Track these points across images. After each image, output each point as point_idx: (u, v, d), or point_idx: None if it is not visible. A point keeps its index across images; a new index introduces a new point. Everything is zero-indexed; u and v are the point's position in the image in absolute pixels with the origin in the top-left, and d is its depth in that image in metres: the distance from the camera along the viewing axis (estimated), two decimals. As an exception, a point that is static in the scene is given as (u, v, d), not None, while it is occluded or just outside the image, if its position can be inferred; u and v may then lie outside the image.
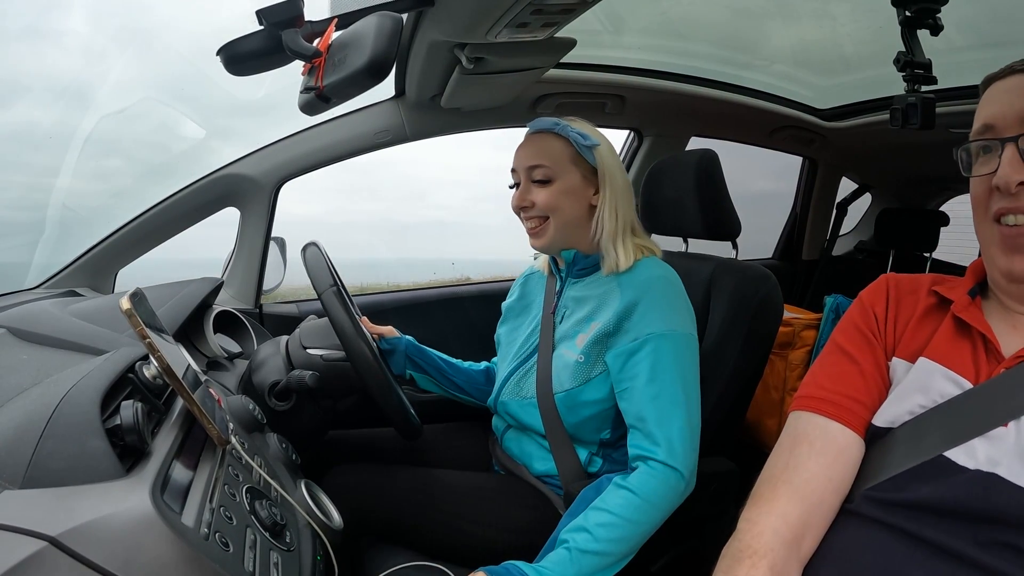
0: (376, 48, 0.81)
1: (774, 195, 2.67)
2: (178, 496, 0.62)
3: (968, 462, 0.61)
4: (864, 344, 0.75)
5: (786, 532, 0.66)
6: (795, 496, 0.67)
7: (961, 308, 0.71)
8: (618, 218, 1.08)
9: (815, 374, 0.77)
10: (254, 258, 1.57)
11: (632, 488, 0.92)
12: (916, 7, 0.96)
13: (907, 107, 0.94)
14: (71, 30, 1.94)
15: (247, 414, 0.93)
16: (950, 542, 0.59)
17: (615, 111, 1.75)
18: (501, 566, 0.86)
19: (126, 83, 1.70)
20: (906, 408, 0.68)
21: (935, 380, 0.67)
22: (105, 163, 1.82)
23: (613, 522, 0.90)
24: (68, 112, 1.70)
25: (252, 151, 1.53)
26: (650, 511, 0.92)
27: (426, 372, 1.27)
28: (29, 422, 0.59)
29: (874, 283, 0.81)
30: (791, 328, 1.70)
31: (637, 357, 0.99)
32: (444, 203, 12.62)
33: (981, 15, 1.34)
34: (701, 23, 1.56)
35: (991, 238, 0.69)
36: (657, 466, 0.94)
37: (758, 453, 0.76)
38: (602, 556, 0.88)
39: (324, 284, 1.05)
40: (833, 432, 0.71)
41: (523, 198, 1.09)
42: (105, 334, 0.91)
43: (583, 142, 1.07)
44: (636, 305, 1.01)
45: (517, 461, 1.16)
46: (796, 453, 0.71)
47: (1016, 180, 0.65)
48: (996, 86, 0.71)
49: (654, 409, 0.96)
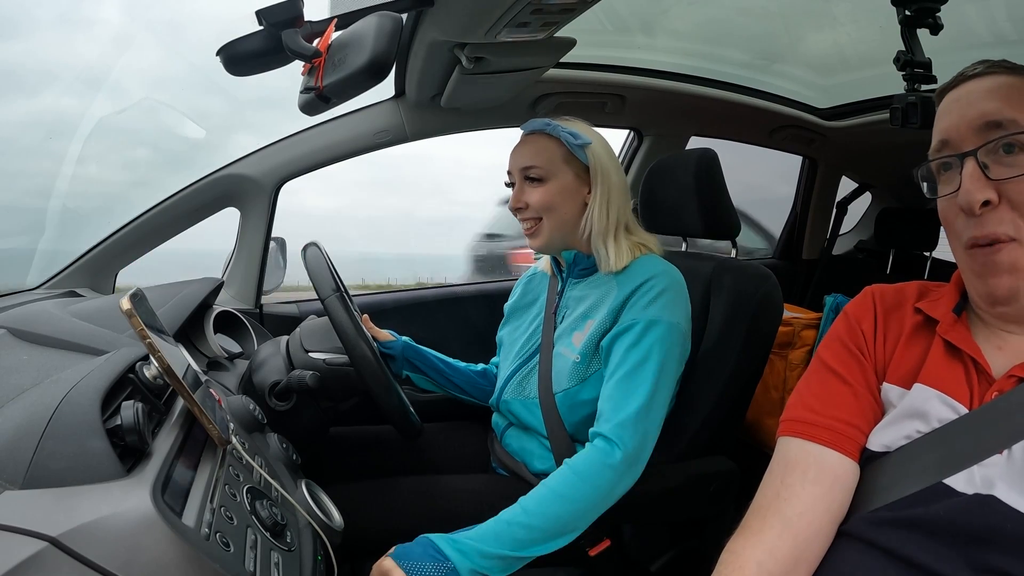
0: (376, 48, 0.81)
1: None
2: (179, 496, 0.62)
3: (967, 488, 0.59)
4: (853, 363, 0.72)
5: (773, 566, 0.62)
6: (787, 530, 0.64)
7: (948, 329, 0.68)
8: (609, 216, 1.08)
9: (803, 395, 0.73)
10: (254, 258, 1.57)
11: (570, 463, 0.93)
12: (916, 6, 0.96)
13: (907, 106, 0.94)
14: (103, 19, 1.94)
15: (247, 414, 0.93)
16: (943, 567, 0.57)
17: (615, 111, 1.75)
18: (415, 540, 0.84)
19: (155, 74, 1.70)
20: (903, 434, 0.66)
21: (932, 406, 0.64)
22: (132, 153, 1.83)
23: (544, 496, 0.90)
24: (96, 101, 1.71)
25: (252, 151, 1.53)
26: (582, 486, 0.91)
27: (424, 373, 1.27)
28: (30, 422, 0.59)
29: (859, 297, 0.77)
30: (791, 327, 1.70)
31: (623, 338, 1.00)
32: (467, 200, 12.63)
33: (981, 14, 1.34)
34: (700, 23, 1.56)
35: (965, 264, 0.66)
36: (598, 441, 0.94)
37: (758, 453, 0.76)
38: (529, 529, 0.87)
39: (327, 288, 1.05)
40: (829, 461, 0.67)
41: (518, 199, 1.10)
42: (105, 334, 0.91)
43: (574, 141, 1.07)
44: (631, 297, 1.02)
45: (516, 459, 1.16)
46: (788, 483, 0.67)
47: (980, 199, 0.60)
48: (948, 96, 0.66)
49: (619, 389, 0.97)
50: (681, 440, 1.10)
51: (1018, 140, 0.59)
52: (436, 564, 0.81)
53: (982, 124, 0.61)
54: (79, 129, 1.57)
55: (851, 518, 0.66)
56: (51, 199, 1.59)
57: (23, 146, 1.79)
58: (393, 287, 2.04)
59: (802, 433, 0.69)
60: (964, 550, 0.57)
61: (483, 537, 0.85)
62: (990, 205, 0.60)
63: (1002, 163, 0.60)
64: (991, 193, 0.60)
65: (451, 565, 0.81)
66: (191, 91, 1.68)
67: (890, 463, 0.65)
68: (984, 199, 0.60)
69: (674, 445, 1.10)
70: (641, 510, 1.06)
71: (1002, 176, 0.59)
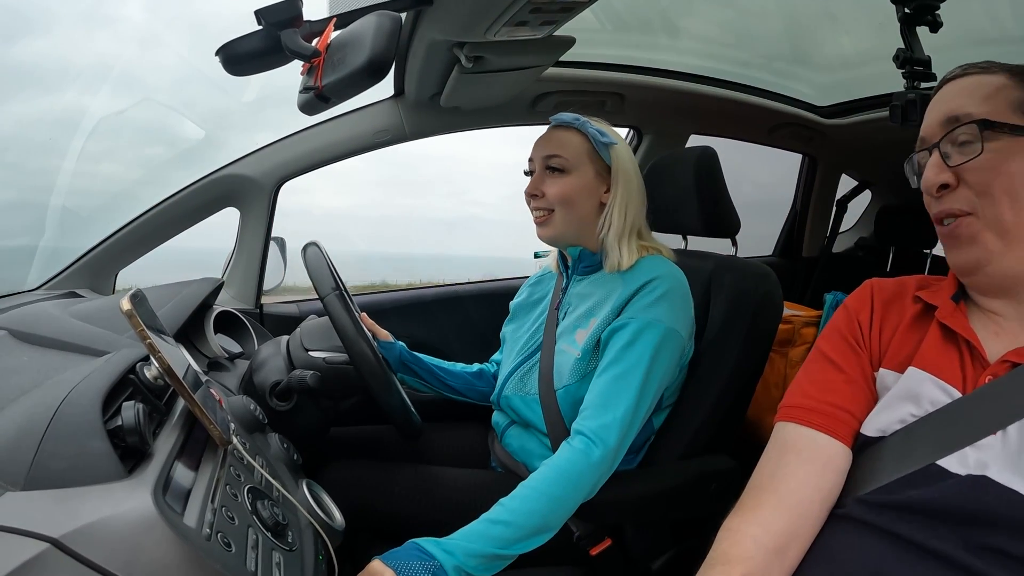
0: (375, 47, 0.81)
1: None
2: (180, 497, 0.62)
3: (960, 469, 0.61)
4: (849, 352, 0.75)
5: (768, 541, 0.65)
6: (780, 506, 0.67)
7: (946, 315, 0.70)
8: (626, 218, 1.09)
9: (800, 382, 0.76)
10: (254, 258, 1.57)
11: (551, 463, 0.93)
12: (915, 4, 0.96)
13: (906, 104, 0.94)
14: (126, 17, 1.94)
15: (248, 414, 0.93)
16: (939, 545, 0.58)
17: (614, 109, 1.75)
18: (401, 546, 0.85)
19: (177, 71, 1.69)
20: (897, 417, 0.68)
21: (925, 389, 0.67)
22: (147, 151, 1.82)
23: (526, 494, 0.90)
24: (117, 98, 1.70)
25: (251, 151, 1.53)
26: (563, 485, 0.91)
27: (419, 377, 1.28)
28: (30, 424, 0.59)
29: (859, 290, 0.80)
30: (791, 325, 1.70)
31: (619, 334, 1.00)
32: (482, 200, 12.66)
33: (980, 13, 1.34)
34: (700, 21, 1.56)
35: (942, 243, 0.71)
36: (579, 440, 0.94)
37: (759, 451, 0.76)
38: (512, 527, 0.87)
39: (327, 287, 1.05)
40: (821, 443, 0.70)
41: (536, 186, 1.11)
42: (106, 335, 0.91)
43: (601, 139, 1.09)
44: (634, 295, 1.02)
45: (516, 458, 1.16)
46: (783, 463, 0.70)
47: (936, 183, 0.67)
48: (933, 99, 0.72)
49: (608, 389, 0.97)
50: (682, 439, 1.10)
51: (969, 130, 0.66)
52: (422, 563, 0.82)
53: (944, 119, 0.68)
54: (100, 127, 1.57)
55: (846, 501, 0.68)
56: (81, 196, 1.59)
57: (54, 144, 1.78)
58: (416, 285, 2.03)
59: (797, 418, 0.72)
60: (958, 530, 0.58)
61: (468, 536, 0.86)
62: (949, 188, 0.67)
63: (960, 152, 0.67)
64: (949, 177, 0.67)
65: (437, 563, 0.82)
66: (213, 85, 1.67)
67: (885, 447, 0.67)
68: (941, 182, 0.67)
69: (675, 444, 1.10)
70: (642, 509, 1.06)
71: (958, 162, 0.66)
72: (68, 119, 1.81)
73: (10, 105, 1.96)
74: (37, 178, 1.84)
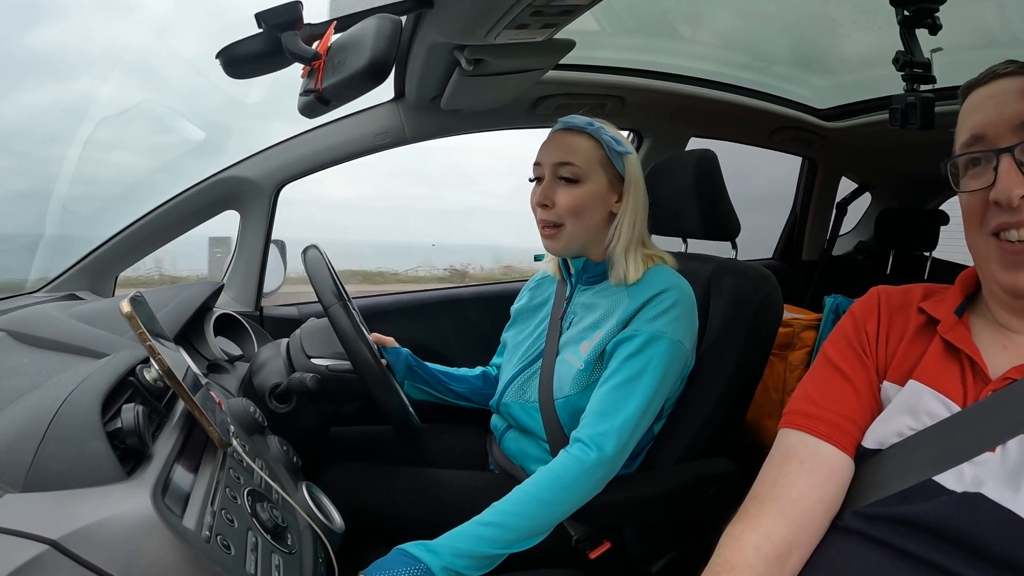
0: (375, 50, 0.81)
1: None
2: (179, 499, 0.62)
3: (956, 486, 0.60)
4: (856, 361, 0.74)
5: (769, 550, 0.64)
6: (782, 515, 0.66)
7: (948, 329, 0.69)
8: (635, 229, 1.08)
9: (806, 388, 0.75)
10: (254, 261, 1.57)
11: (548, 469, 0.93)
12: (914, 7, 0.96)
13: (906, 107, 0.95)
14: (144, 4, 1.93)
15: (248, 416, 0.93)
16: (937, 558, 0.58)
17: (615, 112, 1.75)
18: (387, 555, 0.85)
19: (196, 61, 1.68)
20: (894, 429, 0.67)
21: (924, 402, 0.66)
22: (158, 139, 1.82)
23: (520, 497, 0.90)
24: (132, 87, 1.69)
25: (251, 154, 1.53)
26: (560, 491, 0.91)
27: (426, 383, 1.27)
28: (30, 425, 0.59)
29: (866, 297, 0.79)
30: (791, 329, 1.70)
31: (624, 345, 1.00)
32: (491, 190, 12.73)
33: (980, 14, 1.34)
34: (700, 24, 1.56)
35: (989, 253, 0.66)
36: (578, 448, 0.94)
37: (758, 454, 0.76)
38: (503, 529, 0.87)
39: (326, 290, 1.05)
40: (824, 453, 0.69)
41: (546, 195, 1.06)
42: (106, 337, 0.91)
43: (616, 147, 1.06)
44: (641, 308, 1.02)
45: (514, 462, 1.16)
46: (785, 471, 0.69)
47: (1018, 194, 0.61)
48: (978, 92, 0.67)
49: (610, 397, 0.97)
50: (681, 442, 1.10)
51: None
52: (408, 569, 0.82)
53: (1020, 123, 0.62)
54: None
55: (844, 513, 0.67)
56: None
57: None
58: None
59: (801, 425, 0.72)
60: (954, 545, 0.58)
61: (457, 536, 0.86)
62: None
63: None
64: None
65: (423, 566, 0.82)
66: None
67: (883, 460, 0.67)
68: (1023, 193, 0.61)
69: (674, 447, 1.10)
70: (642, 512, 1.06)
71: None
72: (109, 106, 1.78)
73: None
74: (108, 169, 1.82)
